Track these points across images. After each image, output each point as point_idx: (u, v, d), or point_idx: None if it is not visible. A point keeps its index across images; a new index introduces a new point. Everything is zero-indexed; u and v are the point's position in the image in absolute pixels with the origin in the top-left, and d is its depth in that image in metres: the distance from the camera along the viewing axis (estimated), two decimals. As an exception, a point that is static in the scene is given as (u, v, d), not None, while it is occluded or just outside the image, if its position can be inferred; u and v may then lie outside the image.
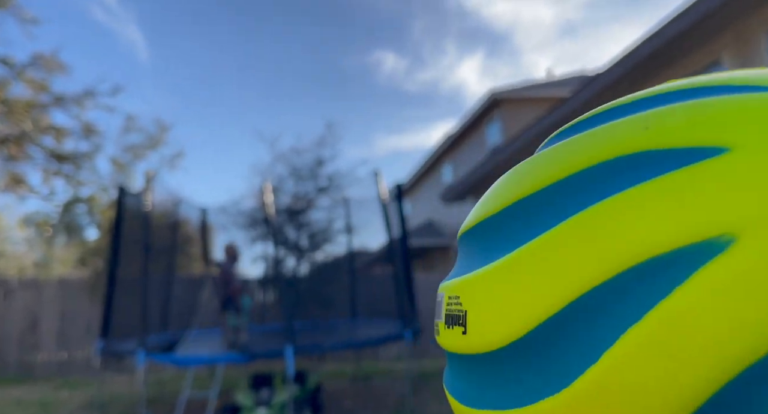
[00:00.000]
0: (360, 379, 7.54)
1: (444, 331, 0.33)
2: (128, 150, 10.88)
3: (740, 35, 3.86)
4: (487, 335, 0.28)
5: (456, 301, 0.31)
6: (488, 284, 0.28)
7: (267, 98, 27.63)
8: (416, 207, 19.34)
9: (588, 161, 0.26)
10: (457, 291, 0.31)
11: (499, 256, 0.28)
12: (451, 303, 0.32)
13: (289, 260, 9.48)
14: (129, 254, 6.03)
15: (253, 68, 27.20)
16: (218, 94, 27.26)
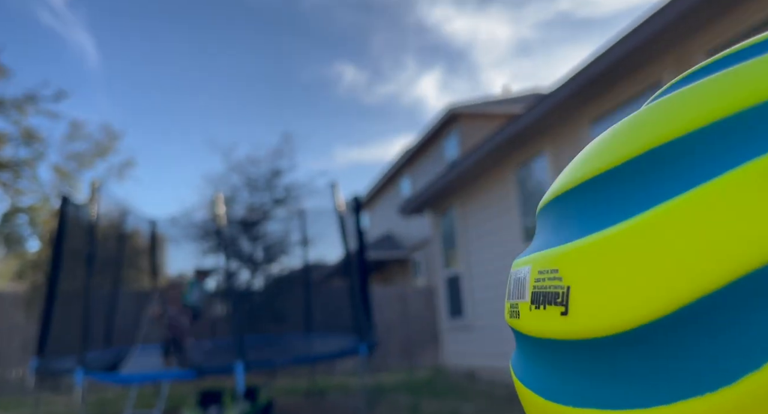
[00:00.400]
0: (314, 394, 7.38)
1: (530, 313, 0.28)
2: (73, 158, 10.41)
3: (681, 57, 4.07)
4: (601, 317, 0.23)
5: (553, 275, 0.26)
6: (608, 253, 0.23)
7: (223, 108, 27.24)
8: (375, 220, 19.36)
9: (731, 107, 0.21)
10: (554, 263, 0.26)
11: (620, 219, 0.23)
12: (543, 278, 0.27)
13: (243, 273, 9.27)
14: (71, 267, 5.76)
15: (208, 77, 26.80)
16: (172, 103, 26.65)
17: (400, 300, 11.19)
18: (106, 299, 6.67)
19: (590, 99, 4.98)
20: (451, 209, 8.12)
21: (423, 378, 7.99)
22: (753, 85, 0.21)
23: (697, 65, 0.26)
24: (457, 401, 5.72)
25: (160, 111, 27.20)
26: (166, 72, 25.79)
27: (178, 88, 26.57)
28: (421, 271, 14.80)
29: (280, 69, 27.31)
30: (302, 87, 27.47)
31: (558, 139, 5.57)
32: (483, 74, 30.99)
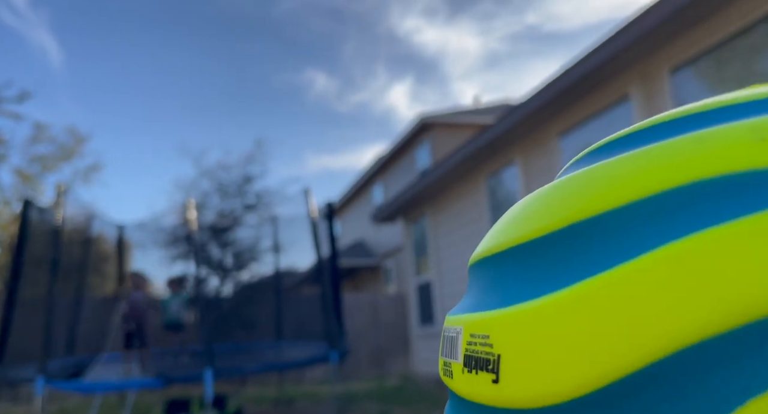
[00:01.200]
0: (283, 402, 7.32)
1: (462, 376, 0.27)
2: (36, 161, 10.11)
3: (645, 71, 4.25)
4: (532, 388, 0.23)
5: (484, 341, 0.25)
6: (538, 323, 0.23)
7: (193, 113, 26.89)
8: (346, 227, 19.35)
9: (684, 177, 0.21)
10: (484, 328, 0.26)
11: (553, 288, 0.23)
12: (474, 342, 0.26)
13: (212, 279, 9.14)
14: (33, 273, 5.60)
15: (178, 81, 26.44)
16: (140, 107, 26.19)
17: (370, 307, 11.20)
18: (69, 306, 6.49)
19: (558, 112, 5.13)
20: (423, 217, 8.20)
21: (393, 386, 8.01)
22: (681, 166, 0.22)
23: (625, 130, 0.27)
24: (428, 409, 5.77)
25: (128, 114, 26.67)
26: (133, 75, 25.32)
27: (147, 91, 26.12)
28: (392, 279, 14.85)
29: (251, 75, 27.16)
30: (273, 93, 27.38)
31: (527, 149, 5.72)
32: (453, 85, 31.47)
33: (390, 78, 30.64)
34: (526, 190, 5.66)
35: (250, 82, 26.89)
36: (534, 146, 5.61)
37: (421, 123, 12.82)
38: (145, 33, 24.52)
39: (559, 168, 5.35)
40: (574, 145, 5.02)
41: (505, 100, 14.94)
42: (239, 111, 27.24)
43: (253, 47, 26.79)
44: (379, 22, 27.49)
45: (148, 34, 24.77)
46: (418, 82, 31.34)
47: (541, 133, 5.47)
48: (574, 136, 5.04)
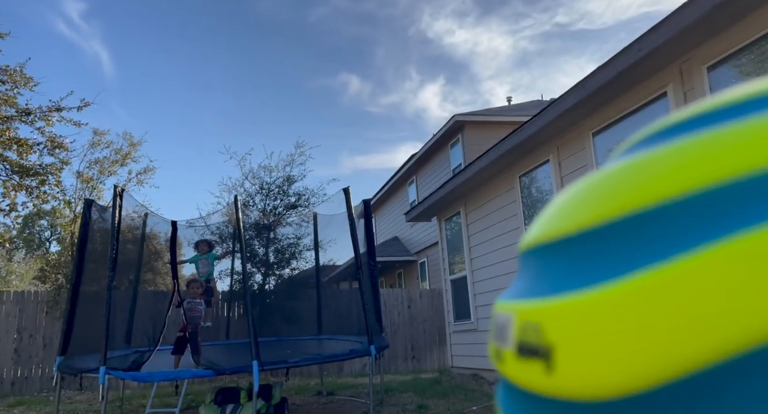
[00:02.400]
0: (324, 393, 7.60)
1: (514, 362, 0.27)
2: (95, 164, 10.76)
3: (682, 69, 4.21)
4: (588, 380, 0.22)
5: (537, 328, 0.25)
6: (599, 313, 0.22)
7: (234, 118, 27.69)
8: (382, 224, 19.59)
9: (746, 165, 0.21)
10: (537, 316, 0.25)
11: (611, 278, 0.22)
12: (526, 330, 0.26)
13: (256, 275, 9.52)
14: (93, 269, 5.97)
15: (220, 88, 27.26)
16: (185, 113, 27.17)
17: (406, 302, 11.38)
18: (126, 300, 6.91)
19: (593, 110, 5.16)
20: (457, 214, 8.32)
21: (430, 379, 8.18)
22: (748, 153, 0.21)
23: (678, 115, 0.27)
24: (464, 402, 5.91)
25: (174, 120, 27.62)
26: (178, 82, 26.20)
27: (191, 98, 26.98)
28: (427, 274, 15.00)
29: (288, 80, 27.69)
30: (308, 97, 27.84)
31: (561, 147, 5.77)
32: (483, 85, 31.24)
33: (421, 79, 30.65)
34: (560, 188, 5.72)
35: (286, 88, 27.43)
36: (568, 144, 5.66)
37: (455, 122, 12.92)
38: (187, 43, 25.33)
39: (593, 166, 5.31)
40: (609, 144, 5.05)
41: (538, 98, 14.85)
42: (277, 115, 27.82)
43: (289, 53, 27.30)
44: (411, 25, 27.55)
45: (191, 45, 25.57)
46: (449, 82, 31.23)
47: (575, 131, 5.52)
48: (609, 134, 5.07)
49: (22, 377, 8.76)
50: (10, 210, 8.85)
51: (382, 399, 6.57)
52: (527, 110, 12.61)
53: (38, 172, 8.80)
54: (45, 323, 9.02)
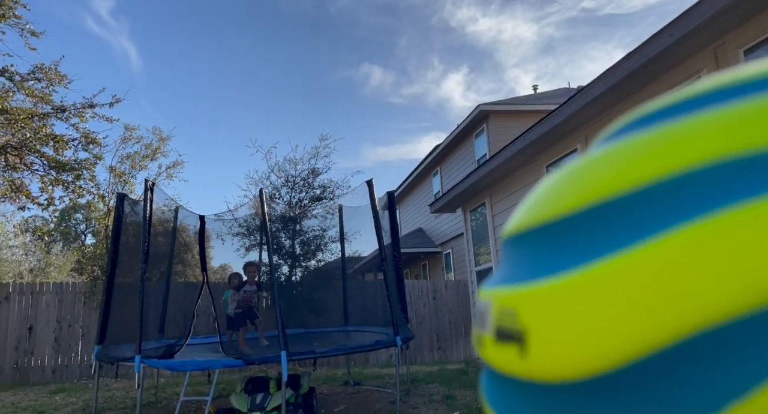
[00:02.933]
0: (351, 383, 7.69)
1: (492, 347, 0.28)
2: (126, 159, 11.07)
3: (718, 52, 4.07)
4: (559, 362, 0.23)
5: (511, 314, 0.26)
6: (567, 298, 0.23)
7: (259, 111, 27.99)
8: (406, 215, 19.58)
9: (717, 150, 0.21)
10: (512, 302, 0.26)
11: (579, 264, 0.23)
12: (503, 315, 0.27)
13: (283, 267, 9.66)
14: (127, 261, 6.15)
15: (245, 82, 27.55)
16: (211, 107, 27.59)
17: (431, 293, 11.39)
18: (159, 291, 7.10)
19: (623, 96, 5.04)
20: (482, 205, 8.27)
21: (455, 370, 8.20)
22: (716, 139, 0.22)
23: (657, 103, 0.27)
24: (490, 392, 5.91)
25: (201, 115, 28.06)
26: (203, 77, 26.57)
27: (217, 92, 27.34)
28: (452, 265, 14.96)
29: (311, 72, 27.78)
30: (332, 89, 27.91)
31: (590, 137, 5.67)
32: (508, 73, 30.76)
33: (444, 69, 30.36)
34: (588, 177, 5.62)
35: (310, 80, 27.56)
36: (596, 133, 5.54)
37: (479, 112, 12.79)
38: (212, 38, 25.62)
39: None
40: (638, 132, 4.94)
41: (565, 86, 14.57)
42: (301, 107, 27.99)
43: (311, 46, 27.38)
44: (433, 14, 27.24)
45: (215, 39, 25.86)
46: (472, 71, 30.84)
47: (603, 119, 5.41)
48: (638, 122, 4.95)
49: (62, 365, 9.11)
50: (48, 204, 9.19)
51: (408, 389, 6.62)
52: (554, 98, 12.39)
53: (73, 167, 9.10)
54: (83, 313, 9.35)
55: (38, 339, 9.07)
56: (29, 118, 8.32)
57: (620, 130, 0.29)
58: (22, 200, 9.00)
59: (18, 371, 8.88)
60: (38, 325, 9.12)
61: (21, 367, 8.91)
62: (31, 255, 16.37)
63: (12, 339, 8.95)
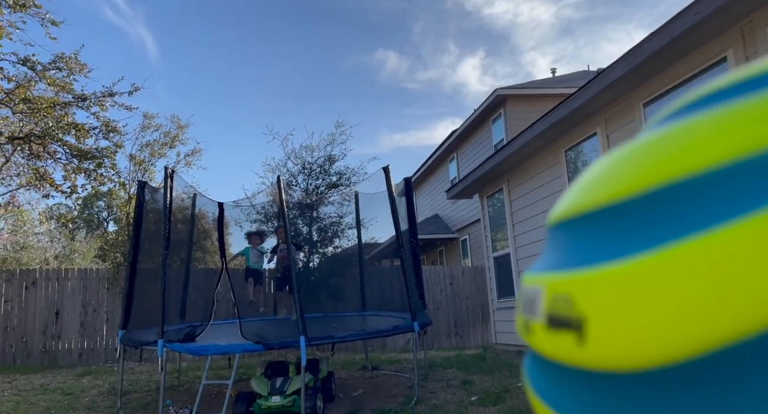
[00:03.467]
0: (369, 368, 7.77)
1: (544, 334, 0.27)
2: (146, 147, 11.21)
3: (745, 31, 3.94)
4: (623, 351, 0.22)
5: (566, 301, 0.25)
6: (633, 284, 0.21)
7: (275, 98, 28.02)
8: (423, 201, 19.54)
9: (759, 143, 0.20)
10: (567, 289, 0.25)
11: (644, 249, 0.22)
12: (557, 302, 0.25)
13: (301, 253, 9.74)
14: (148, 247, 6.25)
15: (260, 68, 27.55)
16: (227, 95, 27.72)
17: (448, 279, 11.40)
18: (179, 277, 7.23)
19: (645, 78, 4.92)
20: (500, 191, 8.20)
21: (473, 355, 8.22)
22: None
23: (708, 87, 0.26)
24: (508, 378, 5.92)
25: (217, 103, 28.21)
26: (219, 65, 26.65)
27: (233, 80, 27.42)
28: (468, 251, 14.93)
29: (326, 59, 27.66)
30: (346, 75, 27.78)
31: (610, 120, 5.56)
32: (525, 56, 30.24)
33: (460, 53, 29.96)
34: (608, 162, 5.53)
35: (324, 66, 27.45)
36: (616, 116, 5.45)
37: (496, 97, 12.63)
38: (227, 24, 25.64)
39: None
40: (660, 115, 4.83)
41: (584, 69, 14.28)
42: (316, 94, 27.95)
43: (326, 31, 27.22)
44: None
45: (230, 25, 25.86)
46: (488, 55, 30.37)
47: (624, 102, 5.30)
48: (661, 104, 4.84)
49: (88, 349, 9.37)
50: (71, 192, 9.38)
51: (426, 374, 6.67)
52: (573, 82, 12.17)
53: (95, 155, 9.25)
54: (107, 299, 9.57)
55: (65, 323, 9.33)
56: (51, 107, 8.46)
57: (679, 110, 0.27)
58: (46, 188, 9.21)
59: (46, 354, 9.15)
60: (64, 310, 9.37)
61: (49, 351, 9.18)
62: (56, 242, 16.80)
63: (40, 323, 9.22)
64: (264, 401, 5.04)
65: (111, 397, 6.24)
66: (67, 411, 5.60)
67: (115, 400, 5.82)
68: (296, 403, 4.98)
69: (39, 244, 16.17)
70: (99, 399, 6.21)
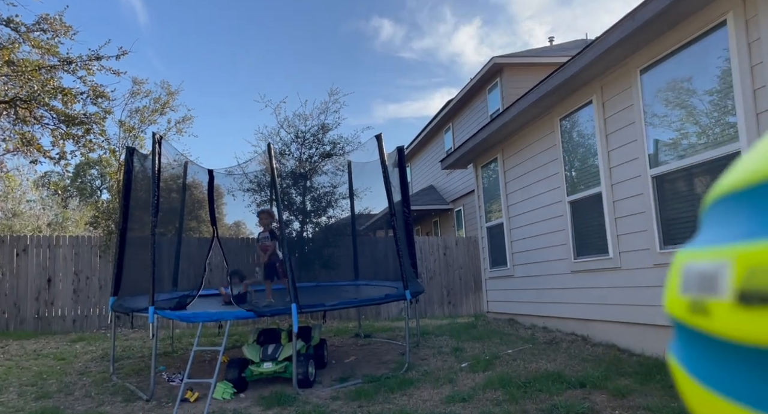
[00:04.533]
0: (362, 336, 7.85)
1: (731, 314, 0.23)
2: (135, 113, 11.02)
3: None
4: None
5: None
6: None
7: (268, 65, 27.54)
8: (417, 172, 19.46)
9: None
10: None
11: None
12: (756, 275, 0.21)
13: (294, 223, 9.71)
14: (139, 215, 6.19)
15: (253, 35, 26.95)
16: (218, 60, 27.19)
17: (442, 249, 11.44)
18: (172, 246, 7.20)
19: (641, 45, 4.81)
20: (494, 161, 8.14)
21: (465, 323, 8.31)
22: None
23: None
24: (498, 346, 5.98)
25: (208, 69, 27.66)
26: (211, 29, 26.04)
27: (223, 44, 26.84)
28: (462, 222, 14.95)
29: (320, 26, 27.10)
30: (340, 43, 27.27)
31: (606, 87, 5.46)
32: (521, 25, 29.72)
33: (456, 22, 29.40)
34: (603, 130, 5.46)
35: (318, 34, 26.91)
36: (612, 83, 5.34)
37: (493, 65, 12.41)
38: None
39: (640, 106, 5.02)
40: (658, 81, 4.74)
41: (582, 38, 14.05)
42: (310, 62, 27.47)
43: None
44: (447, -39, 26.10)
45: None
46: (485, 24, 29.82)
47: (621, 68, 5.19)
48: (658, 70, 4.74)
49: (81, 316, 9.42)
50: (60, 158, 9.25)
51: (418, 342, 6.74)
52: (570, 51, 11.96)
53: (83, 121, 9.08)
54: (99, 266, 9.57)
55: (58, 290, 9.34)
56: (36, 71, 8.25)
57: None
58: (33, 154, 9.07)
59: (39, 320, 9.20)
60: (57, 277, 9.36)
61: (42, 317, 9.22)
62: (48, 209, 16.72)
63: (32, 290, 9.22)
64: (256, 367, 5.08)
65: (104, 362, 6.29)
66: (60, 376, 5.64)
67: (108, 366, 5.87)
68: (288, 370, 5.02)
69: (31, 211, 16.08)
70: (92, 364, 6.26)
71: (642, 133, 4.87)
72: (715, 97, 4.18)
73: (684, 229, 4.47)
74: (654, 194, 4.74)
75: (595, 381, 4.14)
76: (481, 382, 4.54)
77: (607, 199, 5.41)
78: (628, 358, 4.80)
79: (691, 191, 4.44)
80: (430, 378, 4.86)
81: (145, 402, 4.62)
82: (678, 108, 4.56)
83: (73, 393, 4.97)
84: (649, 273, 4.80)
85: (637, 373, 4.28)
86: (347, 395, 4.53)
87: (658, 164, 4.71)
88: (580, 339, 5.80)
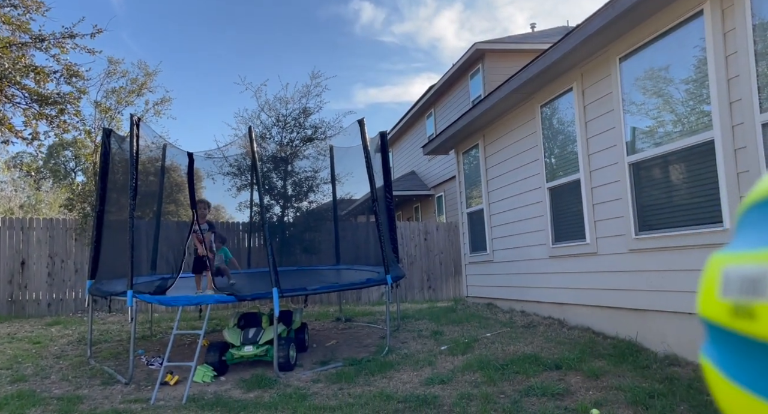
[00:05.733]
0: (343, 319, 7.90)
1: None
2: (111, 94, 10.74)
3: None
4: None
5: None
6: None
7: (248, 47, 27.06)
8: (399, 158, 19.47)
9: None
10: None
11: None
12: None
13: (275, 208, 9.66)
14: (116, 198, 6.09)
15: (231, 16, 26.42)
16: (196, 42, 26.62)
17: (423, 235, 11.52)
18: (150, 229, 7.10)
19: (621, 33, 4.86)
20: (475, 147, 8.19)
21: (445, 307, 8.42)
22: None
23: None
24: (477, 329, 6.09)
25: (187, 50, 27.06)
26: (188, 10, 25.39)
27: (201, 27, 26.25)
28: (444, 208, 15.06)
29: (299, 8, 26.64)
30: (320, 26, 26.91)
31: (586, 75, 5.52)
32: (502, 11, 29.69)
33: (437, 6, 29.20)
34: (583, 117, 5.53)
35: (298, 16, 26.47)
36: (593, 71, 5.40)
37: (475, 51, 12.42)
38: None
39: (618, 94, 5.08)
40: (636, 70, 4.80)
41: (564, 25, 14.13)
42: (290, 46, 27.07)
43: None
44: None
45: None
46: (466, 8, 29.69)
47: (600, 56, 5.24)
48: (637, 59, 4.81)
49: (57, 299, 9.27)
50: (32, 139, 9.00)
51: (398, 325, 6.81)
52: (552, 37, 12.02)
53: (57, 100, 8.83)
54: (75, 249, 9.40)
55: (32, 273, 9.17)
56: (7, 48, 7.97)
57: None
58: (5, 134, 8.81)
59: (13, 304, 9.03)
60: (30, 260, 9.18)
61: (16, 300, 9.05)
62: (20, 191, 16.30)
63: (5, 273, 9.03)
64: (236, 351, 5.09)
65: (81, 346, 6.22)
66: (36, 359, 5.57)
67: (85, 350, 5.81)
68: (269, 353, 5.03)
69: (2, 193, 15.65)
70: (68, 348, 6.19)
71: (620, 120, 4.95)
72: (691, 86, 4.26)
73: (659, 215, 4.58)
74: (631, 181, 4.83)
75: (570, 363, 4.26)
76: (460, 364, 4.63)
77: (585, 186, 5.50)
78: (603, 341, 4.93)
79: (666, 178, 4.54)
80: (410, 361, 4.93)
81: (123, 385, 4.60)
82: (655, 96, 4.64)
83: (50, 376, 4.92)
84: (624, 258, 4.92)
85: (610, 355, 4.41)
86: (328, 378, 4.58)
87: (635, 152, 4.80)
88: (556, 322, 5.94)
